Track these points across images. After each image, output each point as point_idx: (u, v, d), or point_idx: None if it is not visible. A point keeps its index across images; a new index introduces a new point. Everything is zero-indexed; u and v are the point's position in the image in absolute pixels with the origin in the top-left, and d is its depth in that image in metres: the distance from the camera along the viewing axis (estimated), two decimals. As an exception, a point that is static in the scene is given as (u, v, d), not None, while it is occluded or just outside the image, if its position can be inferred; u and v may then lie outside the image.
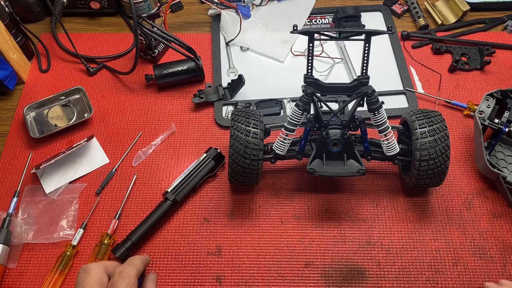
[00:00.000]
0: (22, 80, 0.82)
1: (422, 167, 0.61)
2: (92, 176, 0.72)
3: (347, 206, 0.69)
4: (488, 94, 0.70)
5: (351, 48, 0.85)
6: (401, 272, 0.64)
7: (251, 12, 0.89)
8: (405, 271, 0.64)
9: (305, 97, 0.61)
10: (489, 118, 0.70)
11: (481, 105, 0.70)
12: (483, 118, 0.69)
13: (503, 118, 0.70)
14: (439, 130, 0.61)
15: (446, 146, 0.60)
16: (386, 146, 0.64)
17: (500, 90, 0.70)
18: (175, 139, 0.76)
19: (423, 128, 0.61)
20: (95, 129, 0.77)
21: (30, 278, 0.64)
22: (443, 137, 0.61)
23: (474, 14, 0.89)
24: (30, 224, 0.67)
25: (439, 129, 0.61)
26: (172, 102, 0.80)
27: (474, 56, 0.83)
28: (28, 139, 0.76)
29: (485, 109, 0.70)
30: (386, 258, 0.65)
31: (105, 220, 0.68)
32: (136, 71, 0.80)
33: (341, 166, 0.63)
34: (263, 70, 0.83)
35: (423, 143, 0.60)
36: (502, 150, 0.72)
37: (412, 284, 0.63)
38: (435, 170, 0.61)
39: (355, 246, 0.66)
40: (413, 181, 0.64)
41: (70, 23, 0.90)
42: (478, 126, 0.68)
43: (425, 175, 0.62)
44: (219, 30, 0.88)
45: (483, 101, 0.70)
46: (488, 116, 0.70)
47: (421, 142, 0.60)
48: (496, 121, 0.70)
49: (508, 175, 0.68)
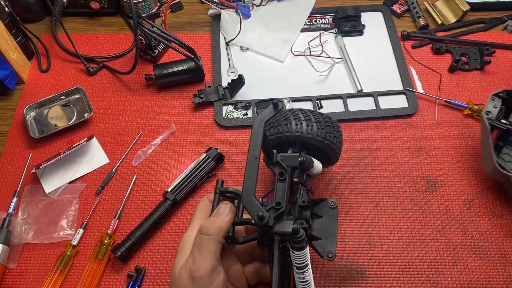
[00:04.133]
0: (22, 80, 0.82)
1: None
2: (92, 176, 0.72)
3: (347, 206, 0.69)
4: (494, 94, 0.68)
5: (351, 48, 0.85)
6: (401, 272, 0.64)
7: (251, 12, 0.89)
8: (405, 271, 0.64)
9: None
10: (496, 118, 0.67)
11: (488, 106, 0.67)
12: (490, 118, 0.66)
13: (510, 118, 0.68)
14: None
15: None
16: (300, 283, 0.49)
17: (505, 90, 0.69)
18: (175, 139, 0.76)
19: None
20: (95, 129, 0.77)
21: (30, 278, 0.64)
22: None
23: (474, 14, 0.89)
24: (30, 224, 0.67)
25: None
26: (172, 102, 0.80)
27: (474, 56, 0.83)
28: (28, 139, 0.76)
29: (492, 109, 0.67)
30: (386, 258, 0.65)
31: (105, 220, 0.68)
32: (136, 71, 0.80)
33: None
34: (263, 70, 0.83)
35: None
36: (509, 152, 0.70)
37: (412, 284, 0.63)
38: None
39: (355, 246, 0.66)
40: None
41: (70, 23, 0.90)
42: (486, 126, 0.65)
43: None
44: (219, 30, 0.88)
45: (489, 101, 0.68)
46: (495, 116, 0.67)
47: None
48: (504, 122, 0.67)
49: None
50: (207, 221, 0.51)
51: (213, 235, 0.50)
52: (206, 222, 0.51)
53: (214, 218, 0.51)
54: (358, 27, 0.87)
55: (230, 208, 0.52)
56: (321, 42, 0.86)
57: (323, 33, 0.87)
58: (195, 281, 0.48)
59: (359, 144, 0.74)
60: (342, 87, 0.80)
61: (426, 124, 0.76)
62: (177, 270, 0.50)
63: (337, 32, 0.87)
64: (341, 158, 0.73)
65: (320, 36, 0.86)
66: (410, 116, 0.77)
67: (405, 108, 0.77)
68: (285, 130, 0.58)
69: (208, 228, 0.50)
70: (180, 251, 0.52)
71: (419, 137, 0.75)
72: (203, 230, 0.50)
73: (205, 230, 0.50)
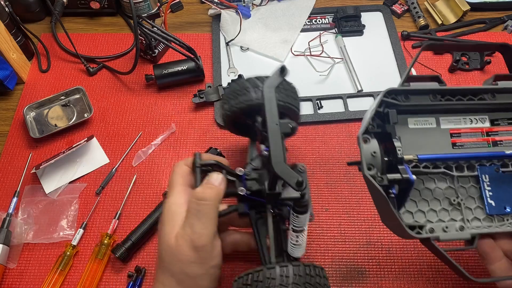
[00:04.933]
0: (22, 80, 0.82)
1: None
2: (92, 176, 0.72)
3: (347, 206, 0.69)
4: (364, 133, 0.46)
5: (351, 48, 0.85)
6: (401, 272, 0.64)
7: (251, 12, 0.89)
8: (405, 271, 0.64)
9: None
10: (382, 171, 0.45)
11: (364, 156, 0.45)
12: (376, 176, 0.45)
13: (398, 155, 0.46)
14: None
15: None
16: (293, 245, 0.51)
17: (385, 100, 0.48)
18: (175, 139, 0.76)
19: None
20: (95, 129, 0.77)
21: (30, 278, 0.64)
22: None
23: (474, 14, 0.89)
24: (30, 224, 0.67)
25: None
26: (172, 102, 0.80)
27: (474, 56, 0.83)
28: (28, 139, 0.76)
29: (371, 158, 0.45)
30: (386, 258, 0.65)
31: (105, 220, 0.68)
32: (136, 71, 0.80)
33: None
34: (263, 70, 0.83)
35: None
36: (415, 199, 0.51)
37: (412, 284, 0.63)
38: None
39: (355, 246, 0.66)
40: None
41: (70, 23, 0.90)
42: (379, 191, 0.43)
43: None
44: (219, 30, 0.88)
45: (362, 148, 0.45)
46: (380, 169, 0.45)
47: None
48: (393, 176, 0.45)
49: (439, 232, 0.48)
50: (202, 188, 0.48)
51: (212, 201, 0.47)
52: (201, 188, 0.48)
53: (209, 185, 0.49)
54: (358, 27, 0.86)
55: (223, 177, 0.50)
56: (321, 42, 0.86)
57: (323, 33, 0.87)
58: (198, 250, 0.45)
59: (359, 144, 0.74)
60: (342, 87, 0.80)
61: (426, 124, 0.76)
62: (172, 241, 0.46)
63: (337, 32, 0.87)
64: (342, 158, 0.73)
65: (320, 36, 0.86)
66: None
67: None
68: (245, 99, 0.57)
69: (205, 194, 0.47)
70: (167, 220, 0.48)
71: (419, 137, 0.75)
72: (200, 195, 0.47)
73: (203, 196, 0.47)
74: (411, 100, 0.51)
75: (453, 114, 0.53)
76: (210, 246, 0.46)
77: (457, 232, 0.49)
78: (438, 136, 0.52)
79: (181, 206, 0.48)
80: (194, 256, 0.45)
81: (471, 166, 0.52)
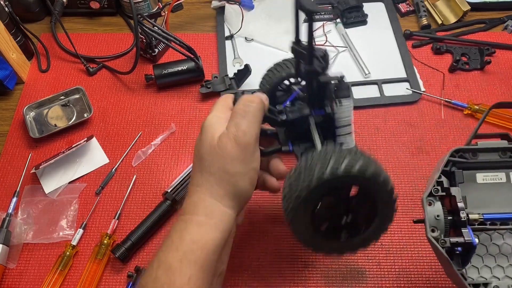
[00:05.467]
0: (21, 80, 0.82)
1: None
2: (92, 176, 0.72)
3: (347, 206, 0.69)
4: (429, 196, 0.48)
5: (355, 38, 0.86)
6: (401, 272, 0.64)
7: (254, 3, 0.90)
8: (405, 271, 0.64)
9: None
10: (445, 233, 0.47)
11: (428, 219, 0.47)
12: (439, 238, 0.46)
13: (462, 218, 0.46)
14: None
15: None
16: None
17: (454, 156, 0.50)
18: (175, 139, 0.76)
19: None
20: (94, 129, 0.77)
21: (30, 278, 0.64)
22: None
23: (474, 14, 0.89)
24: (29, 224, 0.67)
25: None
26: (172, 102, 0.80)
27: (474, 56, 0.83)
28: (28, 139, 0.76)
29: (435, 221, 0.47)
30: (386, 258, 0.65)
31: (104, 220, 0.68)
32: (136, 71, 0.80)
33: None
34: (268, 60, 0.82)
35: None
36: (481, 254, 0.51)
37: (412, 284, 0.63)
38: None
39: (355, 246, 0.66)
40: None
41: (69, 23, 0.90)
42: (442, 253, 0.45)
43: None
44: (223, 22, 0.89)
45: (426, 209, 0.47)
46: (443, 231, 0.47)
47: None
48: (455, 240, 0.46)
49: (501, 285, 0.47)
50: (248, 95, 0.48)
51: (259, 104, 0.47)
52: (247, 95, 0.48)
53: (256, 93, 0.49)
54: (362, 17, 0.88)
55: (266, 96, 0.50)
56: (325, 32, 0.87)
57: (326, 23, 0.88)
58: (241, 148, 0.45)
59: (359, 144, 0.74)
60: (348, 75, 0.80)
61: (426, 124, 0.76)
62: (215, 141, 0.46)
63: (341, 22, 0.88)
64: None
65: (324, 26, 0.87)
66: (413, 103, 0.78)
67: (408, 95, 0.78)
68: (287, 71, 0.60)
69: (253, 96, 0.48)
70: (209, 127, 0.47)
71: (419, 137, 0.75)
72: (249, 98, 0.47)
73: (251, 99, 0.47)
74: (479, 156, 0.51)
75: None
76: (253, 146, 0.46)
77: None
78: (509, 191, 0.52)
79: (222, 119, 0.48)
80: (237, 153, 0.45)
81: None
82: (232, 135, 0.45)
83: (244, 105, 0.47)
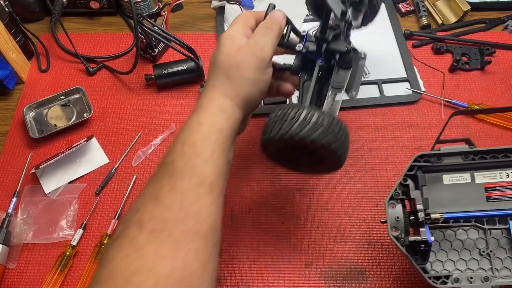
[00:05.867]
0: (21, 80, 0.82)
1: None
2: (92, 176, 0.72)
3: (347, 206, 0.69)
4: (389, 199, 0.53)
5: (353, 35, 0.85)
6: (402, 272, 0.64)
7: (254, 3, 0.90)
8: (405, 271, 0.64)
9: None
10: (405, 233, 0.52)
11: (388, 219, 0.53)
12: (400, 237, 0.51)
13: (419, 219, 0.52)
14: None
15: None
16: (328, 105, 0.59)
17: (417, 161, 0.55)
18: (175, 139, 0.76)
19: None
20: (94, 129, 0.77)
21: (30, 278, 0.64)
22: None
23: (475, 14, 0.89)
24: (29, 224, 0.67)
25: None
26: (172, 102, 0.80)
27: (475, 56, 0.83)
28: (28, 139, 0.76)
29: (394, 221, 0.52)
30: (386, 258, 0.65)
31: (104, 220, 0.68)
32: (136, 71, 0.80)
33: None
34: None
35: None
36: (446, 249, 0.56)
37: (412, 284, 0.63)
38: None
39: (355, 246, 0.66)
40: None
41: (69, 23, 0.90)
42: (403, 252, 0.51)
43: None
44: (223, 21, 0.88)
45: (387, 212, 0.53)
46: (403, 230, 0.52)
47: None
48: (417, 238, 0.51)
49: (464, 282, 0.51)
50: (275, 14, 0.55)
51: (281, 23, 0.54)
52: (274, 13, 0.55)
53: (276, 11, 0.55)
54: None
55: (284, 15, 0.55)
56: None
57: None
58: (258, 60, 0.51)
59: (359, 144, 0.74)
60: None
61: (426, 124, 0.76)
62: (234, 51, 0.51)
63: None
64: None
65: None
66: (413, 103, 0.78)
67: (408, 95, 0.78)
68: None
69: (276, 21, 0.53)
70: (227, 39, 0.52)
71: (419, 137, 0.75)
72: (271, 22, 0.53)
73: (275, 21, 0.53)
74: (444, 160, 0.56)
75: (489, 170, 0.57)
76: (268, 61, 0.52)
77: (481, 284, 0.51)
78: (473, 191, 0.57)
79: (241, 34, 0.53)
80: (253, 62, 0.51)
81: (503, 220, 0.56)
82: (251, 48, 0.51)
83: (265, 27, 0.53)
